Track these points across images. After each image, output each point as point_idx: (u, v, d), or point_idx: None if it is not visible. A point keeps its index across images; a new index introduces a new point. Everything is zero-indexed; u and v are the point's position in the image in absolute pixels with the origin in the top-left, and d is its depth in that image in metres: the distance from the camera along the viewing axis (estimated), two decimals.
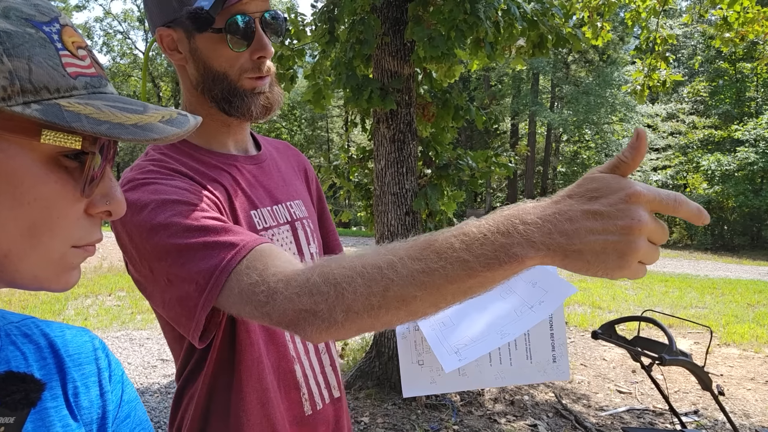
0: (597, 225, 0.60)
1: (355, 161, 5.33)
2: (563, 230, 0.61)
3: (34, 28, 0.51)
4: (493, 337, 0.90)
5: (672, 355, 2.47)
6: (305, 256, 1.17)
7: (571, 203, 0.62)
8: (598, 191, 0.62)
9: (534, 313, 0.93)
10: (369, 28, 3.94)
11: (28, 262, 0.54)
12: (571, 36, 4.47)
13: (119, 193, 0.58)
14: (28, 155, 0.51)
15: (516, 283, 0.99)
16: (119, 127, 0.51)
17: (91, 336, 0.68)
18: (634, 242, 0.61)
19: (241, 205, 1.07)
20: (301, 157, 1.36)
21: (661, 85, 6.46)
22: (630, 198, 0.61)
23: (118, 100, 0.55)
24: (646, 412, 4.57)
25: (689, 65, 25.15)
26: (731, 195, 19.58)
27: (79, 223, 0.56)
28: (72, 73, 0.52)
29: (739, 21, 6.08)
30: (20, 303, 7.60)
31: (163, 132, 0.54)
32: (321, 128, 32.52)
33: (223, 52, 1.03)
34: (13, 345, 0.59)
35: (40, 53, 0.50)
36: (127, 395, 0.69)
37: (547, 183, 26.02)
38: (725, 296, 9.69)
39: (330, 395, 1.18)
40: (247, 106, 1.07)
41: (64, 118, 0.49)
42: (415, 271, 0.66)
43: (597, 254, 0.61)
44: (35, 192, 0.52)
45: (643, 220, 0.61)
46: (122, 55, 33.83)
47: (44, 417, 0.57)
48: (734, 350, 6.44)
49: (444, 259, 0.64)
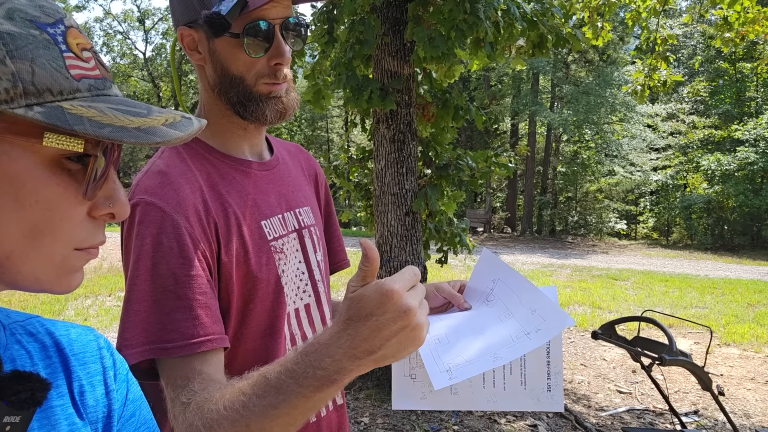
0: (384, 333, 0.72)
1: (354, 161, 5.33)
2: (364, 349, 0.73)
3: (39, 30, 0.51)
4: (486, 360, 0.90)
5: (672, 355, 2.47)
6: (311, 263, 1.17)
7: (356, 326, 0.73)
8: (367, 307, 0.73)
9: (530, 340, 0.94)
10: (369, 29, 3.93)
11: (30, 264, 0.54)
12: (571, 36, 4.46)
13: (123, 196, 0.58)
14: (31, 158, 0.51)
15: (516, 307, 0.99)
16: (122, 130, 0.51)
17: (96, 335, 0.68)
18: (414, 324, 0.73)
19: (251, 215, 1.07)
20: (312, 161, 1.35)
21: (662, 85, 6.46)
22: (390, 298, 0.72)
23: (122, 102, 0.54)
24: (646, 413, 4.57)
25: (689, 65, 25.13)
26: (731, 195, 19.56)
27: (82, 225, 0.56)
28: (76, 76, 0.52)
29: (740, 21, 6.08)
30: (20, 303, 7.60)
31: (165, 135, 0.53)
32: (321, 128, 32.51)
33: (240, 56, 1.03)
34: (18, 344, 0.59)
35: (44, 55, 0.50)
36: (132, 394, 0.68)
37: (547, 183, 26.01)
38: (725, 296, 9.68)
39: (333, 402, 1.18)
40: (262, 111, 1.07)
41: (66, 121, 0.49)
42: (265, 407, 0.77)
43: (398, 350, 0.74)
44: (37, 194, 0.52)
45: (410, 306, 0.73)
46: (122, 55, 33.82)
47: (50, 416, 0.57)
48: (734, 350, 6.43)
49: (283, 393, 0.76)
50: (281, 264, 1.09)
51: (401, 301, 0.73)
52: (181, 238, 0.95)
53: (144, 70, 32.83)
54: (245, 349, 1.05)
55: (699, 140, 23.97)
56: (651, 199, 25.24)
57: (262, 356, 1.06)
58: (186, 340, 0.91)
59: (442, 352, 0.92)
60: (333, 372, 0.74)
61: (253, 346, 1.06)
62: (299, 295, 1.14)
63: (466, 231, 5.08)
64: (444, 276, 10.50)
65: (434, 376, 0.88)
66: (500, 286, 1.05)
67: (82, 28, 0.56)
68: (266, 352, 1.07)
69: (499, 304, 1.02)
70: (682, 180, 23.71)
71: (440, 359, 0.91)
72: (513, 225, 25.96)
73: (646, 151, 24.38)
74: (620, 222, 23.93)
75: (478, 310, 1.05)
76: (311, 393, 0.75)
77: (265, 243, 1.07)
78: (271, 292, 1.07)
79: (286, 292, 1.10)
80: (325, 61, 4.89)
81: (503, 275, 1.06)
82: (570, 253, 17.38)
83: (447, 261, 5.08)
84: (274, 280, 1.07)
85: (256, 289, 1.05)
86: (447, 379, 0.87)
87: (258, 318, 1.06)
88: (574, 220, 24.34)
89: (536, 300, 0.99)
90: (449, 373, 0.88)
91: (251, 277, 1.04)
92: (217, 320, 0.96)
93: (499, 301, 1.03)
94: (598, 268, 13.24)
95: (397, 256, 4.44)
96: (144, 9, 34.39)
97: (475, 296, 1.09)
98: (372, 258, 0.76)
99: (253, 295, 1.05)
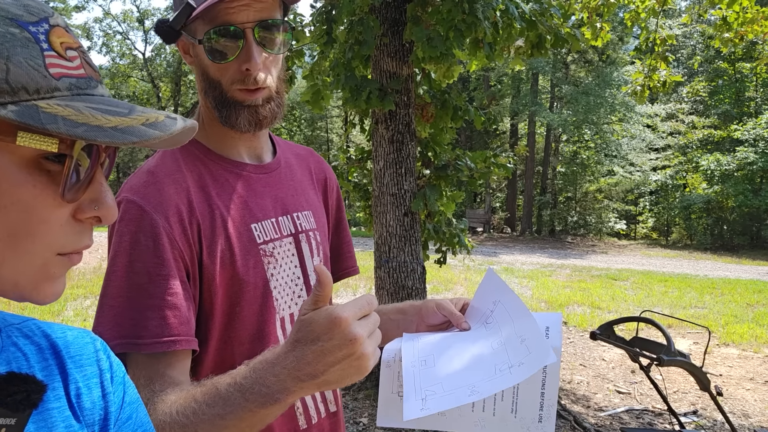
0: (329, 359, 0.75)
1: (353, 162, 5.34)
2: (307, 373, 0.76)
3: (19, 28, 0.50)
4: (463, 392, 0.89)
5: (670, 355, 2.47)
6: (308, 268, 1.16)
7: (302, 348, 0.76)
8: (315, 331, 0.76)
9: (511, 374, 0.91)
10: (368, 29, 3.93)
11: (8, 268, 0.52)
12: (570, 36, 4.46)
13: (110, 199, 0.56)
14: (6, 157, 0.50)
15: (510, 335, 0.97)
16: (97, 129, 0.49)
17: (92, 337, 0.67)
18: (359, 353, 0.75)
19: (241, 217, 1.06)
20: (324, 165, 1.33)
21: (661, 85, 6.46)
22: (337, 325, 0.74)
23: (104, 102, 0.53)
24: (645, 413, 4.57)
25: (688, 65, 25.13)
26: (731, 195, 19.57)
27: (64, 229, 0.54)
28: (55, 74, 0.51)
29: (739, 21, 6.08)
30: (19, 304, 7.59)
31: (143, 135, 0.52)
32: (320, 128, 32.51)
33: (210, 61, 1.03)
34: (14, 346, 0.59)
35: (21, 53, 0.49)
36: (129, 396, 0.68)
37: (546, 183, 26.00)
38: (724, 296, 9.69)
39: (326, 409, 1.17)
40: (235, 118, 1.05)
41: (39, 119, 0.48)
42: (213, 416, 0.80)
43: (341, 377, 0.77)
44: (12, 195, 0.51)
45: (357, 335, 0.75)
46: (122, 55, 33.76)
47: (47, 418, 0.57)
48: (733, 350, 6.44)
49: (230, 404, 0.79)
50: (270, 268, 1.08)
51: (348, 329, 0.75)
52: (158, 237, 0.96)
53: (143, 70, 32.80)
54: (233, 353, 1.04)
55: (698, 140, 23.97)
56: (650, 199, 25.24)
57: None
58: (154, 339, 0.92)
59: (424, 377, 0.91)
60: (276, 391, 0.76)
61: (241, 350, 1.05)
62: (294, 300, 1.13)
63: (465, 231, 5.08)
64: (443, 276, 10.50)
65: (408, 402, 0.87)
66: (500, 309, 1.03)
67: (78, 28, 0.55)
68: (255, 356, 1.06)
69: (495, 328, 1.00)
70: (681, 180, 23.71)
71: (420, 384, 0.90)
72: (512, 225, 25.97)
73: (646, 151, 24.39)
74: (620, 222, 23.93)
75: (475, 332, 1.03)
76: (256, 408, 0.78)
77: (254, 246, 1.06)
78: (258, 295, 1.06)
79: (275, 296, 1.08)
80: (324, 62, 4.89)
81: (504, 298, 1.03)
82: (569, 253, 17.39)
83: (446, 261, 5.08)
84: (262, 283, 1.07)
85: (242, 291, 1.04)
86: (419, 409, 0.86)
87: (245, 321, 1.05)
88: (574, 220, 24.34)
89: (529, 329, 0.96)
90: (423, 403, 0.87)
91: (237, 279, 1.03)
92: (185, 322, 0.95)
93: (496, 325, 1.01)
94: (597, 268, 13.25)
95: (396, 257, 4.44)
96: (144, 9, 34.35)
97: (475, 317, 1.07)
98: (324, 283, 0.78)
99: (240, 298, 1.04)
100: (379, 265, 4.52)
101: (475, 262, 12.97)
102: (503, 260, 14.44)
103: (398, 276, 4.44)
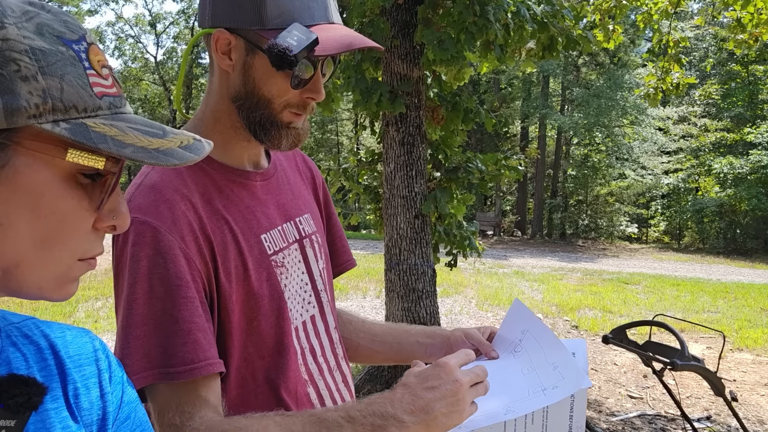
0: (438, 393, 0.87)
1: (364, 164, 5.34)
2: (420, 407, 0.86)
3: (65, 46, 0.52)
4: (498, 412, 0.95)
5: (684, 360, 2.44)
6: (314, 273, 1.15)
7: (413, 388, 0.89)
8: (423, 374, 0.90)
9: (545, 396, 0.96)
10: (378, 31, 3.93)
11: (36, 274, 0.55)
12: (582, 38, 4.44)
13: (125, 208, 0.60)
14: (50, 171, 0.53)
15: (540, 362, 1.02)
16: (143, 150, 0.53)
17: (91, 337, 0.68)
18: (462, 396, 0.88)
19: (250, 230, 1.04)
20: (309, 162, 1.32)
21: (675, 88, 6.41)
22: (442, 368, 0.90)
23: (139, 122, 0.56)
24: (657, 418, 4.53)
25: (701, 68, 24.96)
26: (744, 198, 19.39)
27: (87, 237, 0.58)
28: (98, 93, 0.54)
29: (753, 22, 6.02)
30: (31, 304, 7.65)
31: (182, 158, 0.56)
32: (331, 131, 32.58)
33: (276, 81, 0.99)
34: (13, 346, 0.59)
35: (71, 72, 0.52)
36: (128, 396, 0.68)
37: (557, 186, 25.89)
38: (738, 300, 9.59)
39: None
40: (279, 138, 1.03)
41: (91, 138, 0.51)
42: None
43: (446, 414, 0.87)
44: (54, 206, 0.54)
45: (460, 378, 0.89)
46: (133, 59, 34.06)
47: (45, 419, 0.57)
48: (747, 355, 6.36)
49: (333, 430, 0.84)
50: (283, 278, 1.07)
51: (453, 372, 0.89)
52: (176, 258, 0.92)
53: (155, 73, 33.05)
54: (254, 369, 1.02)
55: (711, 143, 23.79)
56: (662, 203, 25.08)
57: (272, 374, 1.03)
58: (187, 365, 0.89)
59: None
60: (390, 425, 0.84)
61: (262, 364, 1.03)
62: (305, 307, 1.11)
63: (476, 234, 5.06)
64: (453, 279, 10.47)
65: None
66: (528, 338, 1.07)
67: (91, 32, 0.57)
68: (276, 369, 1.04)
69: (525, 356, 1.05)
70: (693, 183, 23.54)
71: None
72: (523, 228, 25.87)
73: (658, 154, 24.23)
74: (631, 225, 23.79)
75: (505, 361, 1.07)
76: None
77: (266, 258, 1.04)
78: (275, 308, 1.04)
79: (289, 306, 1.07)
80: None
81: (532, 327, 1.08)
82: (580, 257, 17.29)
83: (456, 264, 5.07)
84: (277, 296, 1.05)
85: (258, 306, 1.02)
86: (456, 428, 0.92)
87: (264, 336, 1.03)
88: (585, 224, 24.22)
89: (560, 356, 1.02)
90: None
91: (252, 294, 1.01)
92: (213, 344, 0.93)
93: (525, 353, 1.06)
94: (608, 272, 13.16)
95: (407, 259, 4.43)
96: (156, 13, 34.59)
97: (503, 345, 1.11)
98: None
99: (257, 313, 1.02)
100: (390, 267, 4.52)
101: (486, 265, 12.93)
102: (513, 263, 14.38)
103: (408, 279, 4.43)
